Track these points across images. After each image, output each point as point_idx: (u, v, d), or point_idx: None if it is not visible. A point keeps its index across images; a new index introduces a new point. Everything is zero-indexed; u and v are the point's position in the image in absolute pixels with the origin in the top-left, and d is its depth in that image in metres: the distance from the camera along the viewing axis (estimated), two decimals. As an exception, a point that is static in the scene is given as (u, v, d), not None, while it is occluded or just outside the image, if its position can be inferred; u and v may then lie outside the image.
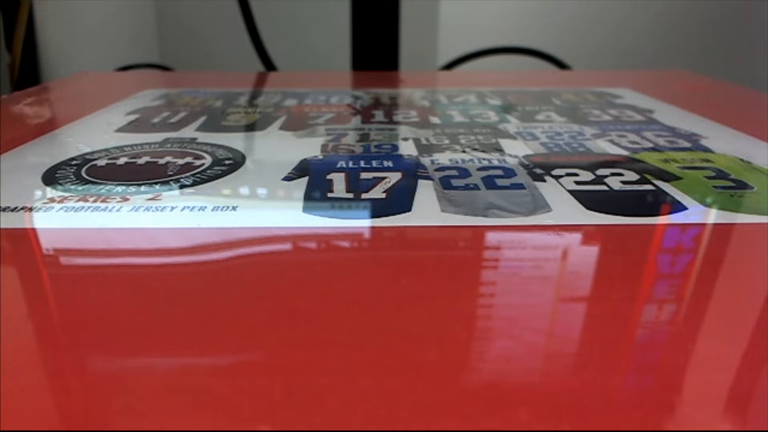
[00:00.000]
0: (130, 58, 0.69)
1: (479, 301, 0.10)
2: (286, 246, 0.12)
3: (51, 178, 0.16)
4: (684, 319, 0.09)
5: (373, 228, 0.12)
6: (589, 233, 0.12)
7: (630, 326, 0.09)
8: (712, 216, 0.13)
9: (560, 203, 0.14)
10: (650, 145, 0.19)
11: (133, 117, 0.23)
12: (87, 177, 0.16)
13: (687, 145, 0.19)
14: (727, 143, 0.19)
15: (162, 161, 0.17)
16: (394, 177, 0.16)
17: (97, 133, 0.21)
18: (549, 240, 0.12)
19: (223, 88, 0.30)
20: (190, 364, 0.08)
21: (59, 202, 0.14)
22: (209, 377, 0.08)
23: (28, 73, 0.86)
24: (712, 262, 0.11)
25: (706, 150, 0.18)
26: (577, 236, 0.12)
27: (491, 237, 0.12)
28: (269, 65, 0.45)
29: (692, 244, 0.12)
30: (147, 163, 0.17)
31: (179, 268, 0.11)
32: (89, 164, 0.17)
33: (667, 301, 0.09)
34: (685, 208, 0.13)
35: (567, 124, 0.22)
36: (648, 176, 0.16)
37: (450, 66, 0.54)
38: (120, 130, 0.21)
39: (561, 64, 0.54)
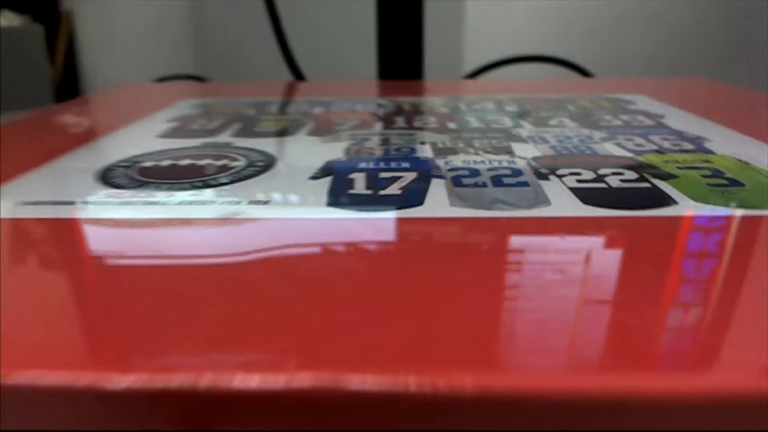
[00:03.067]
0: (166, 70, 0.72)
1: (478, 278, 0.11)
2: (313, 234, 0.13)
3: (105, 177, 0.18)
4: (658, 298, 0.10)
5: (388, 219, 0.14)
6: (582, 224, 0.13)
7: (611, 303, 0.10)
8: (699, 210, 0.14)
9: (560, 198, 0.15)
10: (655, 147, 0.20)
11: (173, 124, 0.25)
12: (136, 177, 0.18)
13: (690, 147, 0.20)
14: (729, 146, 0.20)
15: (202, 163, 0.19)
16: (409, 176, 0.17)
17: (142, 138, 0.23)
18: (544, 228, 0.13)
19: (255, 97, 0.32)
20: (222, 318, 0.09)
21: (114, 196, 0.16)
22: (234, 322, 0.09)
23: (69, 84, 0.90)
24: (691, 249, 0.12)
25: (708, 152, 0.19)
26: (570, 226, 0.13)
27: (493, 226, 0.13)
28: (298, 75, 0.47)
29: (675, 235, 0.13)
30: (188, 164, 0.19)
31: (223, 254, 0.12)
32: (137, 165, 0.19)
33: (647, 283, 0.11)
34: (676, 203, 0.15)
35: (578, 128, 0.23)
36: (646, 175, 0.17)
37: (474, 75, 0.55)
38: (162, 135, 0.23)
39: (584, 72, 0.55)
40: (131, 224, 0.14)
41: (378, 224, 0.14)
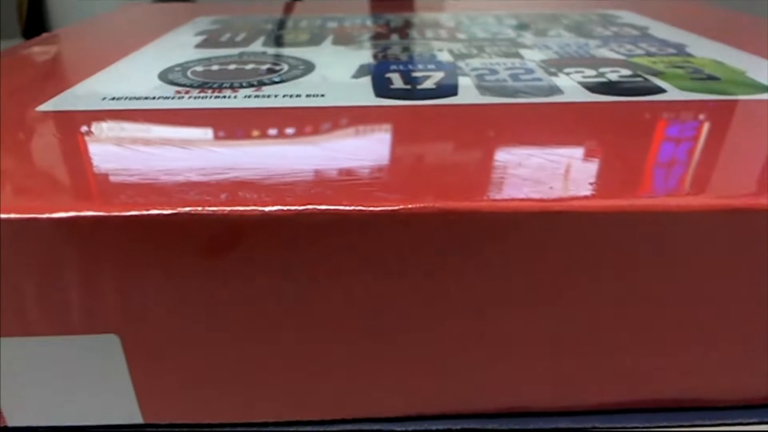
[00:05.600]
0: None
1: (505, 138, 0.14)
2: (375, 116, 0.16)
3: (166, 78, 0.20)
4: (660, 146, 0.13)
5: (432, 105, 0.17)
6: (591, 107, 0.16)
7: (612, 156, 0.13)
8: (684, 96, 0.17)
9: (570, 90, 0.18)
10: (643, 52, 0.23)
11: (202, 37, 0.27)
12: (194, 78, 0.20)
13: (673, 51, 0.23)
14: (707, 51, 0.23)
15: (248, 67, 0.21)
16: (438, 75, 0.20)
17: (181, 48, 0.25)
18: (560, 109, 0.16)
19: (267, 14, 0.34)
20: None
21: (186, 93, 0.18)
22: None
23: (35, 15, 0.86)
24: (680, 120, 0.15)
25: (688, 55, 0.22)
26: (581, 108, 0.16)
27: (519, 109, 0.16)
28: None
29: (666, 112, 0.16)
30: (236, 68, 0.21)
31: (294, 135, 0.15)
32: (190, 69, 0.21)
33: (644, 142, 0.14)
34: (665, 91, 0.18)
35: (574, 38, 0.26)
36: (639, 72, 0.20)
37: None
38: (198, 46, 0.25)
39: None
40: (211, 114, 0.16)
41: (426, 109, 0.16)
